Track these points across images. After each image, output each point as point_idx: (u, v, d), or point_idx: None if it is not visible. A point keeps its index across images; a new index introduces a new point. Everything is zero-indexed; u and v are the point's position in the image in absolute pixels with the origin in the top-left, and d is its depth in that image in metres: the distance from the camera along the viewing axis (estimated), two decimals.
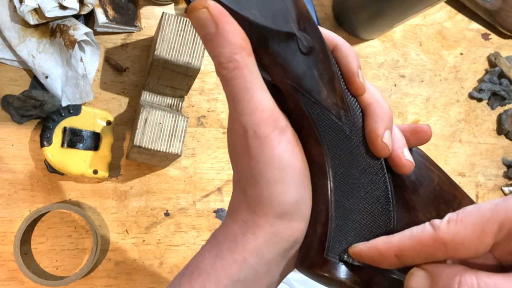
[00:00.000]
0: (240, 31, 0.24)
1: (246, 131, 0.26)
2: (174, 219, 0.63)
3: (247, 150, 0.26)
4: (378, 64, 0.77)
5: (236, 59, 0.24)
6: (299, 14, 0.26)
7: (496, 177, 0.80)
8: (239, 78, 0.25)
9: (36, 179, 0.59)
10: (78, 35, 0.57)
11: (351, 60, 0.28)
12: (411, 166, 0.29)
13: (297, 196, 0.27)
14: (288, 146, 0.26)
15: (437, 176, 0.31)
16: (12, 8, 0.57)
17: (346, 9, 0.73)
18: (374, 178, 0.29)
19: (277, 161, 0.26)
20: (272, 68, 0.26)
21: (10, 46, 0.58)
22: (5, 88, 0.59)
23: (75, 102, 0.60)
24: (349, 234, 0.28)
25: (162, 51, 0.56)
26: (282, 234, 0.27)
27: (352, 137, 0.28)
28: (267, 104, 0.25)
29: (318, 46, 0.27)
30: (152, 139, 0.55)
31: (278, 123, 0.26)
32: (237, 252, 0.27)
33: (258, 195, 0.27)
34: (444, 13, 0.82)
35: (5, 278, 0.56)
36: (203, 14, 0.24)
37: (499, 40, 0.85)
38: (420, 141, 0.31)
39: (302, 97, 0.26)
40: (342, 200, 0.28)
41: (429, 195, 0.30)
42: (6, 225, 0.57)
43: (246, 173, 0.27)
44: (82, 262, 0.59)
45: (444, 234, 0.23)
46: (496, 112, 0.82)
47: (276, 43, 0.25)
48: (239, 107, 0.25)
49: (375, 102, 0.28)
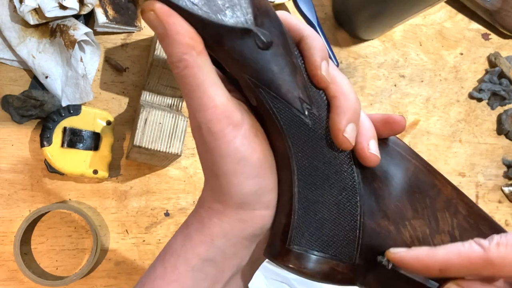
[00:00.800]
0: (189, 31, 0.24)
1: (200, 127, 0.26)
2: (174, 219, 0.63)
3: (204, 144, 0.27)
4: (378, 64, 0.77)
5: (186, 58, 0.25)
6: (256, 10, 0.25)
7: (496, 177, 0.80)
8: (190, 76, 0.25)
9: (36, 179, 0.59)
10: (78, 35, 0.57)
11: (314, 52, 0.27)
12: (375, 159, 0.29)
13: (254, 187, 0.28)
14: (243, 140, 0.27)
15: (413, 166, 0.31)
16: (12, 8, 0.57)
17: (346, 9, 0.73)
18: (339, 169, 0.29)
19: (231, 155, 0.26)
20: (229, 63, 0.26)
21: (10, 46, 0.58)
22: (5, 88, 0.59)
23: (75, 102, 0.60)
24: (312, 225, 0.28)
25: (162, 51, 0.56)
26: (247, 221, 0.29)
27: (316, 129, 0.28)
28: (219, 101, 0.26)
29: (278, 40, 0.26)
30: (152, 139, 0.55)
31: (232, 118, 0.26)
32: (204, 233, 0.29)
33: (218, 186, 0.28)
34: (444, 13, 0.82)
35: (5, 278, 0.56)
36: (151, 16, 0.24)
37: (499, 40, 0.85)
38: (393, 131, 0.30)
39: (262, 91, 0.26)
40: (306, 192, 0.28)
41: (402, 184, 0.30)
42: (6, 225, 0.57)
43: (206, 165, 0.28)
44: (82, 262, 0.59)
45: (493, 256, 0.25)
46: (496, 112, 0.82)
47: (232, 40, 0.25)
48: (192, 103, 0.26)
49: (340, 94, 0.28)
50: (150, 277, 0.30)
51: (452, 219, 0.30)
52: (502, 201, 0.80)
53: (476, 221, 0.30)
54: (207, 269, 0.29)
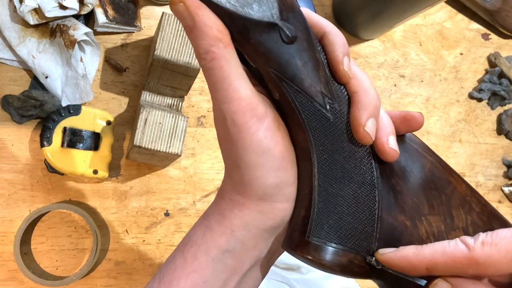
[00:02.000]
0: (217, 23, 0.25)
1: (225, 119, 0.27)
2: (174, 219, 0.63)
3: (228, 136, 0.27)
4: (378, 64, 0.77)
5: (213, 50, 0.25)
6: (281, 4, 0.26)
7: (496, 177, 0.80)
8: (216, 68, 0.26)
9: (36, 179, 0.59)
10: (78, 35, 0.57)
11: (336, 47, 0.28)
12: (395, 153, 0.29)
13: (276, 179, 0.28)
14: (266, 133, 0.27)
15: (429, 162, 0.31)
16: (12, 8, 0.57)
17: (346, 9, 0.73)
18: (358, 164, 0.29)
19: (254, 147, 0.27)
20: (254, 57, 0.27)
21: (10, 46, 0.58)
22: (5, 88, 0.59)
23: (75, 102, 0.60)
24: (331, 218, 0.29)
25: (162, 51, 0.56)
26: (267, 213, 0.29)
27: (337, 124, 0.28)
28: (244, 93, 0.26)
29: (302, 35, 0.27)
30: (152, 139, 0.55)
31: (256, 110, 0.27)
32: (225, 224, 0.29)
33: (240, 178, 0.28)
34: (444, 13, 0.82)
35: (5, 278, 0.56)
36: (181, 8, 0.25)
37: (499, 40, 0.85)
38: (411, 128, 0.31)
39: (285, 85, 0.27)
40: (326, 185, 0.29)
41: (419, 181, 0.30)
42: (6, 225, 0.57)
43: (228, 157, 0.29)
44: (82, 262, 0.59)
45: (478, 255, 0.25)
46: (496, 112, 0.82)
47: (258, 33, 0.26)
48: (218, 95, 0.26)
49: (361, 90, 0.28)
50: (169, 268, 0.30)
51: (466, 216, 0.30)
52: (502, 201, 0.80)
53: (489, 219, 0.31)
54: (227, 260, 0.29)
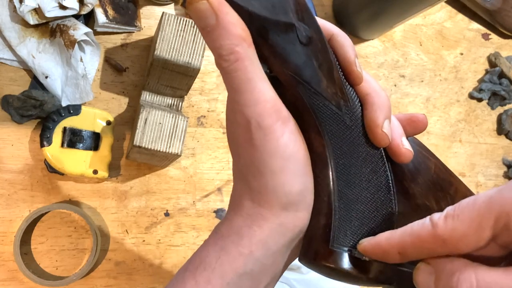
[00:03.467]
0: (241, 22, 0.24)
1: (249, 122, 0.25)
2: (174, 219, 0.63)
3: (251, 141, 0.26)
4: (378, 64, 0.77)
5: (238, 50, 0.24)
6: (297, 4, 0.26)
7: (496, 177, 0.80)
8: (241, 69, 0.25)
9: (36, 179, 0.59)
10: (78, 35, 0.57)
11: (347, 49, 0.28)
12: (410, 154, 0.29)
13: (301, 185, 0.27)
14: (291, 136, 0.26)
15: (433, 164, 0.31)
16: (12, 8, 0.57)
17: (346, 9, 0.73)
18: (375, 167, 0.29)
19: (281, 151, 0.26)
20: (272, 59, 0.26)
21: (10, 46, 0.58)
22: (5, 88, 0.59)
23: (75, 102, 0.60)
24: (352, 224, 0.28)
25: (162, 51, 0.56)
26: (288, 224, 0.27)
27: (353, 127, 0.28)
28: (269, 95, 0.25)
29: (316, 36, 0.27)
30: (152, 139, 0.55)
31: (281, 113, 0.26)
32: (243, 245, 0.27)
33: (263, 186, 0.27)
34: (444, 13, 0.82)
35: (5, 278, 0.56)
36: (203, 6, 0.24)
37: (499, 40, 0.85)
38: (416, 130, 0.31)
39: (302, 87, 0.27)
40: (345, 190, 0.28)
41: (427, 182, 0.30)
42: (6, 225, 0.57)
43: (250, 165, 0.27)
44: (82, 262, 0.59)
45: (441, 231, 0.23)
46: (496, 112, 0.82)
47: (276, 34, 0.25)
48: (241, 98, 0.25)
49: (373, 91, 0.28)
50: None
51: None
52: None
53: None
54: (244, 282, 0.27)
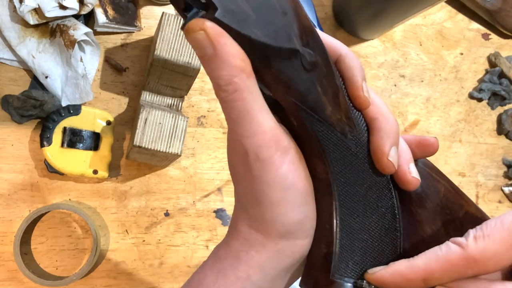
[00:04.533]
0: (239, 52, 0.23)
1: (247, 153, 0.25)
2: (174, 219, 0.63)
3: (249, 172, 0.25)
4: (378, 64, 0.77)
5: (236, 81, 0.23)
6: (301, 28, 0.24)
7: (496, 177, 0.80)
8: (239, 100, 0.24)
9: (36, 179, 0.59)
10: (78, 35, 0.57)
11: (355, 72, 0.27)
12: (417, 183, 0.28)
13: (300, 215, 0.26)
14: (291, 167, 0.25)
15: (443, 186, 0.30)
16: (12, 8, 0.57)
17: (346, 9, 0.73)
18: (380, 194, 0.28)
19: (279, 182, 0.25)
20: (274, 86, 0.25)
21: (10, 46, 0.58)
22: (5, 88, 0.59)
23: (75, 102, 0.60)
24: (355, 254, 0.27)
25: (162, 51, 0.56)
26: (286, 251, 0.27)
27: (358, 153, 0.27)
28: (268, 126, 0.25)
29: (321, 60, 0.25)
30: (152, 139, 0.55)
31: (280, 144, 0.25)
32: (240, 269, 0.27)
33: (261, 215, 0.26)
34: (444, 13, 0.82)
35: (5, 278, 0.56)
36: (200, 36, 0.23)
37: (499, 40, 0.85)
38: (426, 153, 0.30)
39: (306, 114, 0.25)
40: (348, 219, 0.27)
41: (435, 207, 0.29)
42: (6, 225, 0.57)
43: (248, 193, 0.26)
44: (82, 262, 0.59)
45: (473, 251, 0.23)
46: (496, 112, 0.82)
47: (279, 61, 0.24)
48: (239, 129, 0.25)
49: (380, 116, 0.27)
50: None
51: None
52: (502, 201, 0.80)
53: None
54: None
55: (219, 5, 0.22)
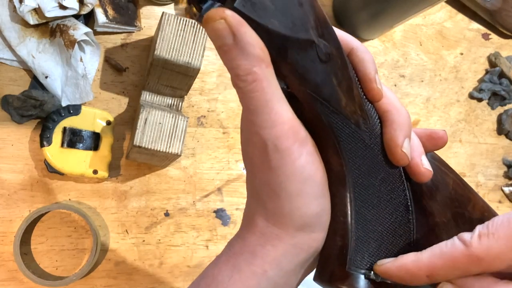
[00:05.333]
0: (259, 42, 0.23)
1: (266, 144, 0.25)
2: (174, 219, 0.63)
3: (267, 163, 0.25)
4: (378, 64, 0.77)
5: (255, 71, 0.23)
6: (317, 20, 0.25)
7: (496, 177, 0.80)
8: (258, 90, 0.24)
9: (36, 179, 0.59)
10: (78, 35, 0.57)
11: (367, 65, 0.27)
12: (430, 174, 0.28)
13: (318, 207, 0.26)
14: (308, 158, 0.25)
15: (451, 180, 0.30)
16: (12, 8, 0.57)
17: (346, 9, 0.73)
18: (393, 186, 0.28)
19: (298, 173, 0.25)
20: (290, 77, 0.25)
21: (10, 46, 0.58)
22: (5, 88, 0.59)
23: (75, 102, 0.60)
24: (370, 245, 0.27)
25: (162, 51, 0.56)
26: (303, 245, 0.27)
27: (372, 145, 0.27)
28: (287, 117, 0.25)
29: (336, 52, 0.26)
30: (152, 139, 0.55)
31: (299, 135, 0.25)
32: (256, 264, 0.26)
33: (279, 208, 0.26)
34: (444, 13, 0.82)
35: (5, 278, 0.56)
36: (221, 25, 0.22)
37: (499, 40, 0.85)
38: (436, 147, 0.30)
39: (321, 106, 0.26)
40: (362, 211, 0.27)
41: (445, 199, 0.30)
42: (6, 225, 0.57)
43: (266, 185, 0.26)
44: (82, 262, 0.59)
45: (477, 250, 0.23)
46: (496, 112, 0.82)
47: (296, 52, 0.24)
48: (258, 120, 0.25)
49: (393, 109, 0.27)
50: None
51: None
52: (502, 201, 0.80)
53: None
54: None
55: None
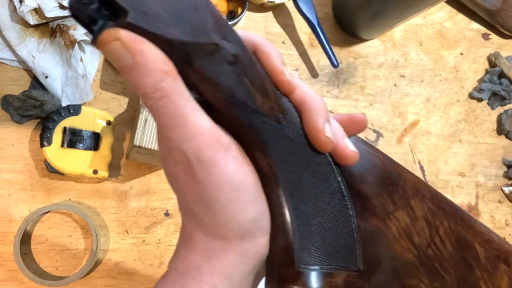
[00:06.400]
0: (160, 55, 0.22)
1: (188, 159, 0.24)
2: (174, 219, 0.63)
3: (193, 177, 0.24)
4: (378, 64, 0.77)
5: (162, 86, 0.22)
6: (216, 22, 0.24)
7: (496, 177, 0.80)
8: (169, 105, 0.22)
9: (36, 179, 0.59)
10: (78, 35, 0.57)
11: (273, 58, 0.26)
12: (356, 156, 0.28)
13: (255, 212, 0.25)
14: (235, 164, 0.24)
15: (379, 159, 0.30)
16: (12, 8, 0.57)
17: (346, 9, 0.73)
18: (325, 175, 0.28)
19: (227, 182, 0.24)
20: (201, 85, 0.24)
21: (10, 46, 0.58)
22: (5, 88, 0.59)
23: (75, 102, 0.60)
24: (315, 239, 0.27)
25: None
26: (248, 252, 0.26)
27: (295, 138, 0.27)
28: (205, 126, 0.24)
29: (242, 52, 0.25)
30: (152, 139, 0.55)
31: (221, 142, 0.24)
32: (205, 281, 0.25)
33: (214, 220, 0.25)
34: (444, 13, 0.82)
35: (5, 278, 0.56)
36: (116, 46, 0.21)
37: (499, 40, 0.85)
38: (357, 130, 0.30)
39: (238, 108, 0.25)
40: (300, 206, 0.27)
41: (377, 180, 0.30)
42: (6, 225, 0.57)
43: (197, 200, 0.25)
44: (82, 262, 0.59)
45: None
46: (496, 112, 0.82)
47: (201, 58, 0.23)
48: (175, 135, 0.23)
49: (307, 97, 0.27)
50: None
51: (422, 204, 0.30)
52: (502, 201, 0.80)
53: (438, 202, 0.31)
54: None
55: (130, 8, 0.21)
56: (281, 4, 0.72)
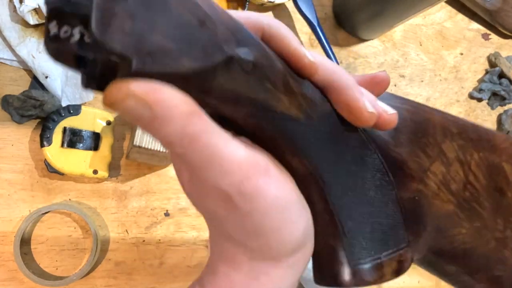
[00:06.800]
0: (180, 97, 0.19)
1: (229, 195, 0.21)
2: (174, 219, 0.63)
3: (236, 211, 0.22)
4: (378, 64, 0.77)
5: (189, 130, 0.19)
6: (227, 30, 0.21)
7: None
8: (200, 148, 0.20)
9: (36, 179, 0.59)
10: None
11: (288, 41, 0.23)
12: (396, 116, 0.25)
13: (303, 223, 0.24)
14: (278, 184, 0.22)
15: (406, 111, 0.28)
16: (12, 8, 0.57)
17: (346, 9, 0.73)
18: (360, 157, 0.26)
19: (273, 206, 0.22)
20: (222, 106, 0.21)
21: (10, 46, 0.58)
22: (5, 88, 0.59)
23: (75, 102, 0.60)
24: (364, 231, 0.25)
25: None
26: (298, 263, 0.25)
27: (328, 129, 0.24)
28: (240, 156, 0.21)
29: (259, 54, 0.22)
30: (152, 139, 0.55)
31: (260, 166, 0.22)
32: None
33: (264, 246, 0.23)
34: (444, 13, 0.82)
35: (5, 278, 0.56)
36: (131, 103, 0.18)
37: (499, 40, 0.85)
38: (382, 90, 0.27)
39: (263, 117, 0.22)
40: (344, 199, 0.25)
41: (409, 137, 0.27)
42: (6, 225, 0.57)
43: (241, 230, 0.23)
44: (82, 262, 0.59)
45: None
46: (496, 112, 0.82)
47: (218, 79, 0.20)
48: (211, 174, 0.21)
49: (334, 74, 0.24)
50: None
51: (452, 144, 0.28)
52: None
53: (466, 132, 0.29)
54: None
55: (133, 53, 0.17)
56: (281, 4, 0.72)
